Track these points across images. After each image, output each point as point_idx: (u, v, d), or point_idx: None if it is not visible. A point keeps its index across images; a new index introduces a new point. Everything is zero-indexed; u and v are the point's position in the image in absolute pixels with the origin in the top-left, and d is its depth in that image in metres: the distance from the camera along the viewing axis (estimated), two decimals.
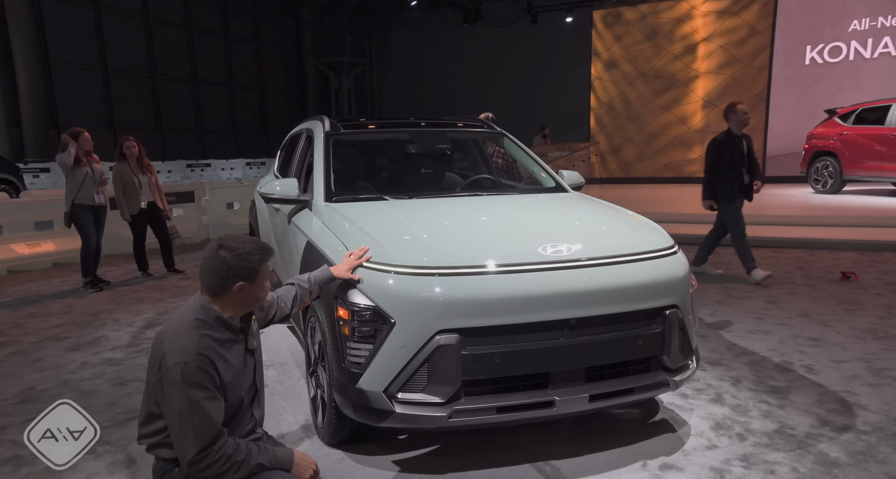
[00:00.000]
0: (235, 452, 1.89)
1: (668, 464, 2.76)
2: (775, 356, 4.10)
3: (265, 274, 2.06)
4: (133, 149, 6.56)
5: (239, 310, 2.05)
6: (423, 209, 3.29)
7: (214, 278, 1.98)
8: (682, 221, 9.89)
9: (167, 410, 1.88)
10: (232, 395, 1.98)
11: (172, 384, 1.85)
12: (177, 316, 2.03)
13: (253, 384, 2.12)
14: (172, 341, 1.91)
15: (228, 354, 1.99)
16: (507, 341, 2.54)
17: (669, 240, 3.04)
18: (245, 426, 2.10)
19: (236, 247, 2.00)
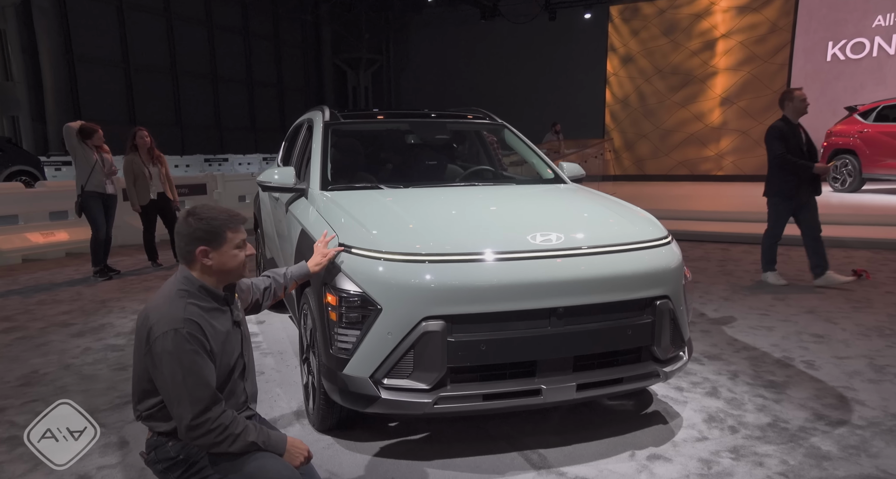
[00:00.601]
0: (232, 424, 1.94)
1: (657, 455, 2.75)
2: (776, 352, 4.06)
3: (232, 241, 2.07)
4: (145, 139, 6.66)
5: (215, 280, 2.08)
6: (417, 198, 3.30)
7: (181, 242, 2.04)
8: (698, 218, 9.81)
9: (160, 381, 1.91)
10: (221, 364, 2.03)
11: (163, 353, 1.88)
12: (159, 293, 2.07)
13: (241, 356, 2.16)
14: (158, 314, 1.95)
15: (215, 321, 2.04)
16: (494, 329, 2.55)
17: (663, 231, 3.02)
18: (238, 399, 2.14)
19: (202, 213, 2.05)
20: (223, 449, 1.93)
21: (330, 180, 3.48)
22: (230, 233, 2.07)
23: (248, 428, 1.97)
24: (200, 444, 1.92)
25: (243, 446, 1.94)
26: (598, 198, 3.48)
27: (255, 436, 1.98)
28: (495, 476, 2.57)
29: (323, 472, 2.58)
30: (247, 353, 2.21)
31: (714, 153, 17.92)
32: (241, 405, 2.15)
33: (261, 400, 3.31)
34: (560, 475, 2.59)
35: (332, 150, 3.73)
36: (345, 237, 2.71)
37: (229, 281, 2.14)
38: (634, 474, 2.60)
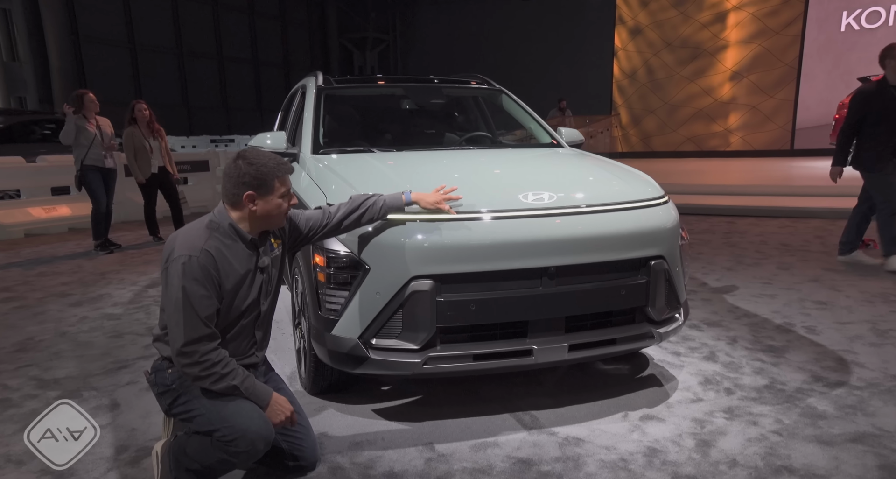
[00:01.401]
0: (220, 363, 1.97)
1: (650, 415, 2.73)
2: (777, 318, 4.01)
3: (279, 191, 2.09)
4: (144, 112, 6.63)
5: (253, 225, 2.11)
6: (408, 160, 3.25)
7: (228, 184, 2.07)
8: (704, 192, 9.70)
9: (165, 300, 1.98)
10: (232, 305, 2.06)
11: (174, 275, 1.94)
12: (195, 221, 2.12)
13: (257, 303, 2.17)
14: (183, 238, 2.02)
15: (235, 261, 2.07)
16: (484, 289, 2.52)
17: (659, 190, 2.97)
18: (242, 344, 2.16)
19: (252, 157, 2.06)
20: (206, 385, 1.98)
21: (322, 144, 3.44)
22: (278, 182, 2.09)
23: (235, 372, 2.00)
24: (187, 372, 1.97)
25: (225, 387, 1.98)
26: (595, 160, 3.42)
27: (240, 382, 2.00)
28: (486, 436, 2.56)
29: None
30: (265, 301, 2.22)
31: (723, 129, 17.69)
32: (245, 350, 2.17)
33: None
34: (551, 434, 2.57)
35: (326, 115, 3.68)
36: (333, 198, 2.68)
37: (266, 228, 2.18)
38: (627, 433, 2.58)
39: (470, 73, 4.44)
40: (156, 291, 5.01)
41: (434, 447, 2.47)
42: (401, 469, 2.31)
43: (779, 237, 6.86)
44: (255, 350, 2.24)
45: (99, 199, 6.38)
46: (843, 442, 2.46)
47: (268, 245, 2.23)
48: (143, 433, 2.59)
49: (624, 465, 2.33)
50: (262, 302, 2.21)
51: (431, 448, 2.46)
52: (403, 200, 2.51)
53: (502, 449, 2.46)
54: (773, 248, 6.28)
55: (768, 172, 12.48)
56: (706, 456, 2.38)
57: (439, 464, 2.35)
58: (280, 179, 2.10)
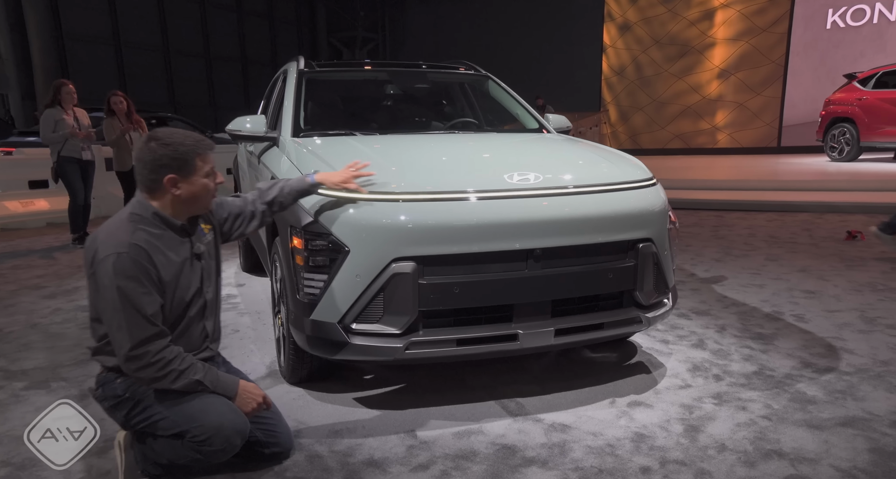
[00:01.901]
0: (176, 360, 1.85)
1: (638, 402, 2.67)
2: (766, 307, 3.97)
3: (202, 169, 1.96)
4: (121, 104, 6.49)
5: (179, 210, 1.98)
6: (390, 143, 3.18)
7: (144, 170, 1.91)
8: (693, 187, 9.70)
9: (101, 306, 1.84)
10: (175, 297, 1.94)
11: (104, 276, 1.80)
12: (111, 218, 1.97)
13: (200, 292, 2.06)
14: (105, 236, 1.87)
15: (169, 251, 1.94)
16: (468, 271, 2.45)
17: (647, 172, 2.91)
18: (195, 338, 2.05)
19: (165, 137, 1.91)
20: (165, 385, 1.85)
21: (302, 128, 3.35)
22: (199, 160, 1.96)
23: (194, 366, 1.88)
24: (141, 377, 1.84)
25: (187, 384, 1.86)
26: (582, 143, 3.36)
27: (203, 375, 1.89)
28: (470, 423, 2.49)
29: (292, 421, 2.50)
30: (208, 289, 2.11)
31: (710, 126, 17.73)
32: (199, 345, 2.06)
33: (234, 357, 3.22)
34: (537, 421, 2.51)
35: (307, 99, 3.60)
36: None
37: (195, 212, 2.04)
38: (614, 419, 2.52)
39: (457, 60, 4.38)
40: None
41: (416, 435, 2.40)
42: (381, 457, 2.24)
43: (767, 230, 6.85)
44: (208, 343, 2.13)
45: (76, 191, 6.25)
46: (833, 426, 2.41)
47: (199, 231, 2.10)
48: (112, 424, 2.49)
49: (611, 451, 2.27)
50: (206, 290, 2.09)
51: (413, 436, 2.39)
52: (308, 181, 2.44)
53: (486, 436, 2.39)
54: (761, 240, 6.26)
55: (755, 167, 12.52)
56: (694, 441, 2.33)
57: (421, 451, 2.28)
58: (202, 157, 1.96)
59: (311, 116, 3.60)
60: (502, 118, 4.12)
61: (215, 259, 2.20)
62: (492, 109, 4.20)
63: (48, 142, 6.07)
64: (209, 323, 2.12)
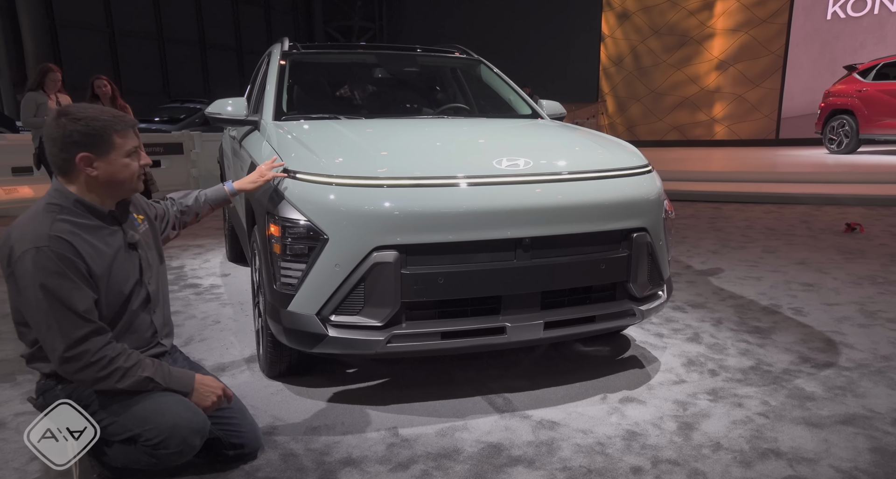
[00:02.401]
0: (119, 357, 1.70)
1: (630, 397, 2.57)
2: (763, 300, 3.87)
3: (122, 148, 1.78)
4: (105, 88, 6.31)
5: (102, 195, 1.81)
6: (375, 127, 3.06)
7: (54, 148, 1.74)
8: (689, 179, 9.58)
9: (26, 308, 1.68)
10: (111, 290, 1.78)
11: (24, 275, 1.64)
12: (27, 211, 1.80)
13: (141, 284, 1.91)
14: (20, 231, 1.69)
15: (98, 241, 1.78)
16: (453, 261, 2.33)
17: (642, 159, 2.80)
18: (141, 333, 1.92)
19: (76, 112, 1.74)
20: (109, 386, 1.70)
21: (285, 111, 3.22)
22: (118, 137, 1.78)
23: (141, 363, 1.73)
24: (82, 379, 1.69)
25: (135, 383, 1.71)
26: (575, 129, 3.24)
27: (152, 372, 1.74)
28: (454, 420, 2.39)
29: (268, 417, 2.40)
30: (150, 280, 1.95)
31: (708, 118, 17.61)
32: (148, 340, 1.93)
33: (213, 349, 3.12)
34: (524, 418, 2.41)
35: (291, 81, 3.46)
36: (290, 163, 2.48)
37: (120, 196, 1.87)
38: (605, 416, 2.41)
39: (449, 44, 4.24)
40: None
41: (398, 432, 2.29)
42: (359, 456, 2.13)
43: (764, 222, 6.75)
44: (158, 338, 1.99)
45: None
46: (833, 424, 2.32)
47: (131, 220, 1.96)
48: None
49: (601, 449, 2.17)
50: (147, 282, 1.94)
51: (395, 433, 2.28)
52: (226, 190, 2.42)
53: (472, 434, 2.28)
54: (759, 232, 6.16)
55: (753, 159, 12.41)
56: (688, 439, 2.23)
57: (402, 450, 2.17)
58: (121, 134, 1.78)
59: (295, 99, 3.48)
60: (495, 104, 4.00)
61: (155, 249, 2.07)
62: (484, 94, 4.08)
63: (29, 126, 5.91)
64: (156, 316, 1.98)
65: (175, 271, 4.77)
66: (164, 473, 1.95)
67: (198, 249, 5.64)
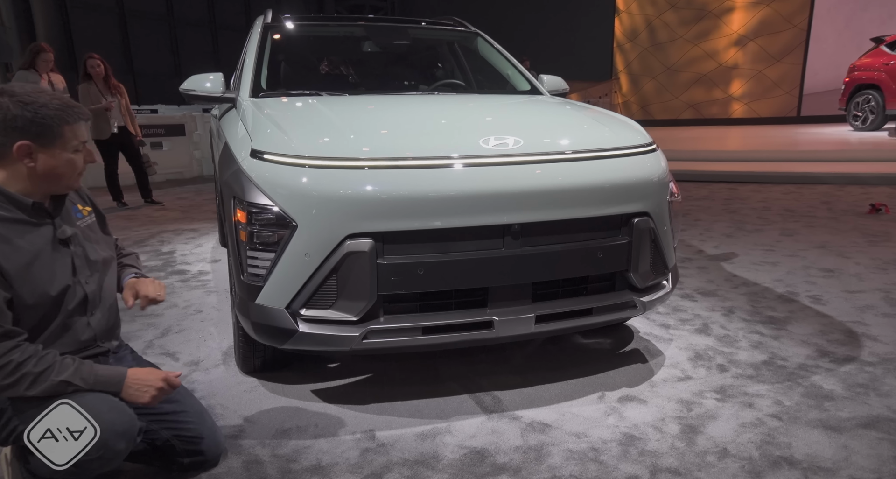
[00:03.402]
0: (28, 361, 1.52)
1: (630, 396, 2.36)
2: (779, 287, 3.63)
3: (70, 142, 1.62)
4: (98, 68, 6.15)
5: (32, 187, 1.63)
6: (356, 105, 2.84)
7: None
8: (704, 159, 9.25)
9: None
10: (31, 291, 1.60)
11: None
12: None
13: (74, 285, 1.72)
14: None
15: (17, 237, 1.60)
16: (434, 250, 2.13)
17: (646, 137, 2.56)
18: (78, 336, 1.74)
19: (24, 94, 1.56)
20: (18, 393, 1.52)
21: (263, 87, 3.02)
22: (68, 130, 1.61)
23: (55, 366, 1.55)
24: None
25: (49, 388, 1.53)
26: (575, 105, 3.00)
27: (69, 374, 1.55)
28: (438, 422, 2.20)
29: (237, 418, 2.23)
30: (88, 281, 1.76)
31: (726, 95, 17.09)
32: (86, 343, 1.75)
33: (190, 340, 2.96)
34: (514, 419, 2.21)
35: (273, 56, 3.25)
36: (258, 142, 2.27)
37: (54, 192, 1.69)
38: (601, 417, 2.22)
39: (445, 17, 3.99)
40: None
41: (374, 435, 2.11)
42: (329, 462, 1.96)
43: (783, 203, 6.45)
44: (99, 342, 1.81)
45: None
46: (854, 428, 2.10)
47: (69, 211, 1.77)
48: None
49: (594, 456, 1.98)
50: (84, 283, 1.74)
51: (371, 437, 2.11)
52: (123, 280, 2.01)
53: (455, 437, 2.10)
54: (777, 214, 5.88)
55: (773, 138, 11.99)
56: (692, 445, 2.03)
57: (377, 455, 1.99)
58: (72, 128, 1.62)
59: (276, 74, 3.27)
60: (492, 79, 3.76)
61: (102, 244, 1.88)
62: (482, 69, 3.84)
63: None
64: (95, 319, 1.79)
65: (164, 256, 4.62)
66: None
67: (192, 233, 5.48)
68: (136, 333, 3.04)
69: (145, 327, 3.11)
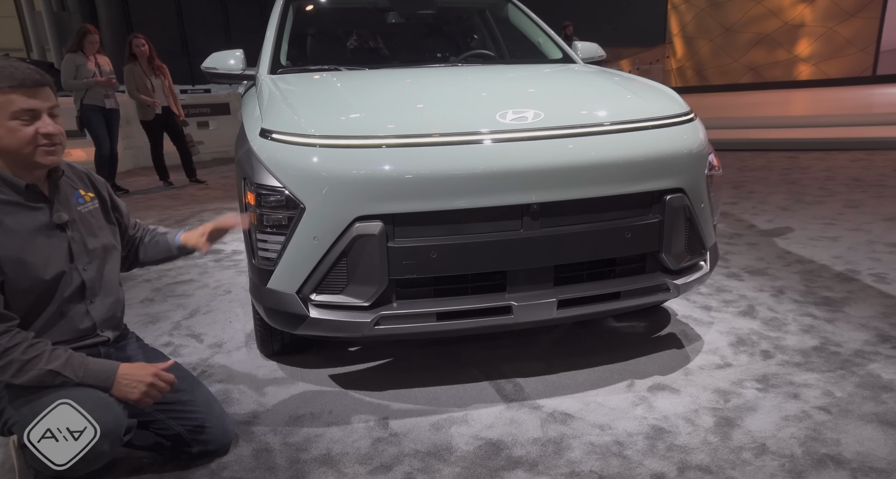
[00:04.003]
0: (16, 348, 1.49)
1: (662, 384, 2.22)
2: (838, 265, 3.36)
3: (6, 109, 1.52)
4: (142, 47, 6.22)
5: (4, 163, 1.59)
6: (374, 79, 2.72)
7: None
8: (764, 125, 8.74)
9: None
10: (24, 275, 1.57)
11: None
12: None
13: (70, 272, 1.69)
14: None
15: (10, 219, 1.57)
16: (447, 232, 2.02)
17: (682, 106, 2.36)
18: (76, 325, 1.71)
19: None
20: (5, 379, 1.51)
21: (282, 63, 2.93)
22: (11, 94, 1.51)
23: (45, 354, 1.52)
24: None
25: (36, 377, 1.51)
26: (609, 74, 2.80)
27: (60, 365, 1.52)
28: (454, 410, 2.12)
29: (253, 403, 2.20)
30: (87, 267, 1.73)
31: (791, 56, 16.07)
32: (84, 332, 1.72)
33: (216, 321, 2.96)
34: (534, 408, 2.11)
35: (294, 30, 3.16)
36: (267, 122, 2.19)
37: (26, 169, 1.62)
38: (629, 407, 2.08)
39: None
40: None
41: (388, 424, 2.04)
42: (339, 452, 1.90)
43: (849, 172, 6.02)
44: (99, 330, 1.77)
45: (101, 140, 6.10)
46: None
47: (69, 196, 1.72)
48: None
49: (618, 450, 1.85)
50: (82, 269, 1.70)
51: (385, 425, 2.04)
52: (174, 243, 2.07)
53: (471, 427, 2.01)
54: (841, 184, 5.48)
55: (842, 100, 11.21)
56: (726, 439, 1.88)
57: (388, 446, 1.93)
58: (15, 89, 1.51)
59: (297, 50, 3.18)
60: (523, 48, 3.56)
61: (105, 231, 1.84)
62: (513, 38, 3.64)
63: (68, 88, 5.93)
64: (94, 307, 1.75)
65: None
66: (121, 471, 1.79)
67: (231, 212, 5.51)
68: (166, 313, 3.06)
69: (175, 308, 3.13)
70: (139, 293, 3.37)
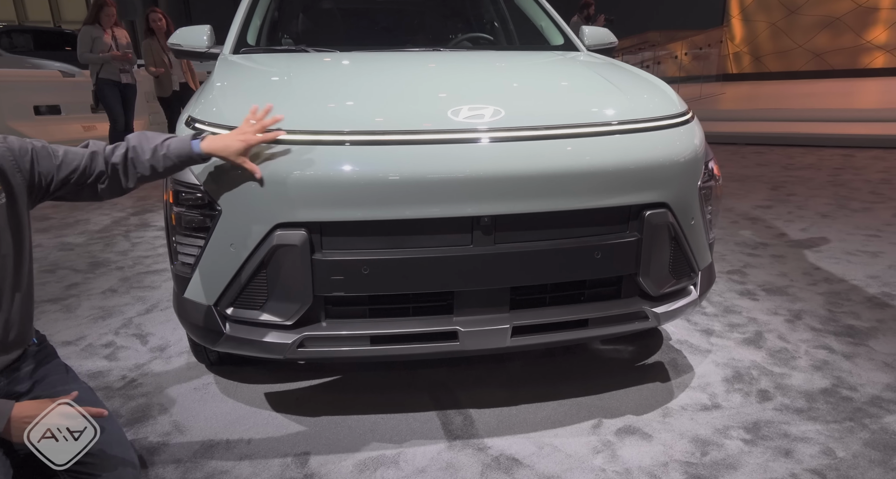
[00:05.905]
0: None
1: (633, 427, 1.91)
2: (872, 286, 2.95)
3: None
4: (160, 22, 6.10)
5: None
6: (333, 64, 2.46)
7: None
8: (819, 118, 8.07)
9: None
10: None
11: None
12: None
13: None
14: None
15: None
16: (384, 245, 1.76)
17: (676, 105, 2.02)
18: None
19: None
20: None
21: (248, 43, 2.69)
22: None
23: None
24: None
25: None
26: (603, 65, 2.45)
27: None
28: (389, 447, 1.87)
29: (169, 425, 2.00)
30: None
31: (863, 42, 14.95)
32: None
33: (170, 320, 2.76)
34: (479, 449, 1.84)
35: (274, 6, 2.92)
36: (196, 110, 1.96)
37: None
38: (588, 455, 1.80)
39: None
40: (138, 219, 4.57)
41: (307, 462, 1.81)
42: None
43: None
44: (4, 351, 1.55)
45: (116, 116, 6.02)
46: None
47: None
48: None
49: None
50: None
51: (303, 463, 1.81)
52: (191, 149, 1.68)
53: (399, 471, 1.76)
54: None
55: None
56: None
57: None
58: None
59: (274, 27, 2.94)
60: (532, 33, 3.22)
61: (11, 231, 1.60)
62: (517, 20, 3.31)
63: (84, 61, 5.87)
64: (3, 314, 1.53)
65: None
66: None
67: None
68: (122, 308, 2.90)
69: (133, 302, 2.97)
70: (104, 283, 3.22)
